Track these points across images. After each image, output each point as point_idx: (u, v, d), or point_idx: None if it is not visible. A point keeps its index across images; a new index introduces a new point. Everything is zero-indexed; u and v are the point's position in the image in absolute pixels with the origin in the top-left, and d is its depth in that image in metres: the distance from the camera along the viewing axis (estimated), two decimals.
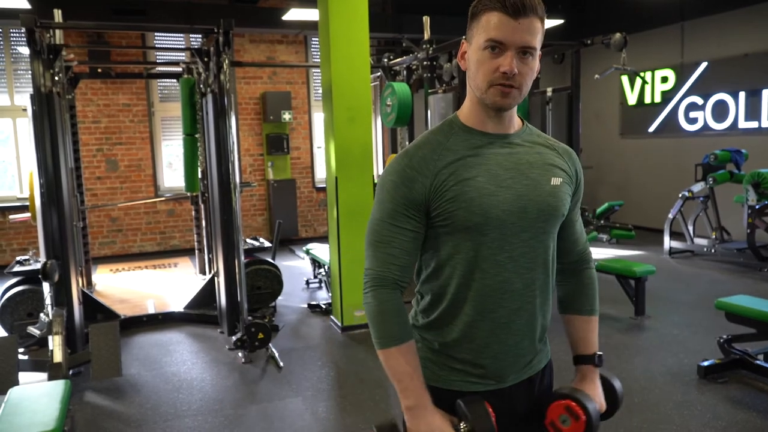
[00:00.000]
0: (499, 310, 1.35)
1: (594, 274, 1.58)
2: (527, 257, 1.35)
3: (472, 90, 1.33)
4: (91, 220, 8.13)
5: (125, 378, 4.06)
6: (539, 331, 1.43)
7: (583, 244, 1.55)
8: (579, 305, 1.54)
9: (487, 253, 1.32)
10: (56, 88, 4.45)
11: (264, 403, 3.67)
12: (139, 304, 5.90)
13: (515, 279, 1.34)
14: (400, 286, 1.35)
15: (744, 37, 7.51)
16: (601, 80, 6.62)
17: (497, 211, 1.30)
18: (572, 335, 1.55)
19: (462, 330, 1.36)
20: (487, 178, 1.31)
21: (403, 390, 1.31)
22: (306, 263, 7.03)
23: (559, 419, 1.38)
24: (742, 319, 3.76)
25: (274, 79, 9.14)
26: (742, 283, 6.04)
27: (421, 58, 5.90)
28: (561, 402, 1.39)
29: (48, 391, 2.86)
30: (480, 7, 1.27)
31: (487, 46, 1.26)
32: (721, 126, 7.84)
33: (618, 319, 5.04)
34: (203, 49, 5.09)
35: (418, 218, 1.33)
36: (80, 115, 7.86)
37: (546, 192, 1.35)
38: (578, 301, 1.54)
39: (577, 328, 1.54)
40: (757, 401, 3.46)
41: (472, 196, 1.29)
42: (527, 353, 1.42)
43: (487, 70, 1.27)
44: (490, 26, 1.25)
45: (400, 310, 1.34)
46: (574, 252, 1.54)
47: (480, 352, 1.37)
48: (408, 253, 1.34)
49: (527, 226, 1.33)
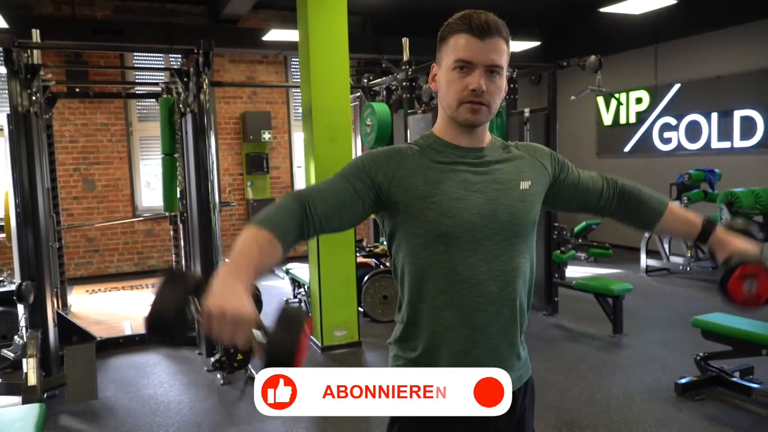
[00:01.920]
0: (476, 314, 1.36)
1: (633, 183, 1.60)
2: (501, 260, 1.37)
3: (444, 109, 1.40)
4: (67, 240, 8.01)
5: (101, 401, 3.99)
6: (518, 335, 1.44)
7: (602, 181, 1.58)
8: (653, 211, 1.57)
9: (460, 256, 1.34)
10: (33, 108, 4.41)
11: (243, 425, 3.62)
12: (116, 325, 5.81)
13: (490, 282, 1.36)
14: (307, 208, 1.29)
15: (716, 59, 7.70)
16: (578, 101, 6.73)
17: (467, 215, 1.33)
18: (676, 230, 1.62)
19: (441, 335, 1.37)
20: (457, 183, 1.36)
21: (230, 263, 1.19)
22: (286, 283, 6.99)
23: (745, 290, 1.37)
24: (718, 337, 3.81)
25: (254, 98, 9.15)
26: (717, 300, 6.06)
27: (401, 79, 5.96)
28: (733, 278, 1.39)
29: (22, 414, 2.80)
30: (448, 30, 1.35)
31: (456, 66, 1.32)
32: (695, 146, 8.00)
33: (596, 337, 5.07)
34: (183, 69, 5.09)
35: (366, 186, 1.34)
36: (57, 134, 7.76)
37: (515, 197, 1.39)
38: (649, 209, 1.58)
39: (672, 224, 1.59)
40: (733, 418, 3.50)
41: (441, 198, 1.33)
42: (507, 357, 1.42)
43: (456, 89, 1.33)
44: (458, 47, 1.31)
45: (290, 212, 1.28)
46: (604, 191, 1.57)
47: (460, 357, 1.37)
48: (336, 195, 1.33)
49: (499, 229, 1.36)
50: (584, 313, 5.61)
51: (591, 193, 1.56)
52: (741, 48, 7.43)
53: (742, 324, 3.75)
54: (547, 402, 3.73)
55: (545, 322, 5.52)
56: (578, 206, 1.58)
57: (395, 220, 1.38)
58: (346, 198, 1.33)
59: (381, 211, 1.41)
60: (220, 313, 1.06)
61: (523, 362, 1.49)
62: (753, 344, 3.59)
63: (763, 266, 1.35)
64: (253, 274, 1.17)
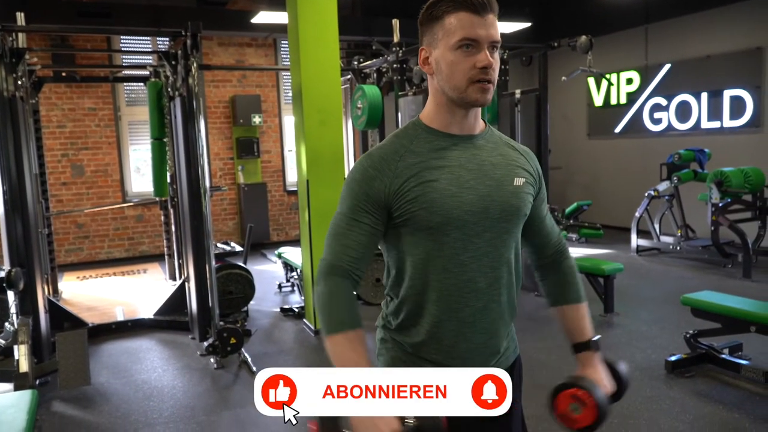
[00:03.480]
0: (465, 309, 1.36)
1: (573, 263, 1.60)
2: (490, 256, 1.37)
3: (445, 92, 1.35)
4: (56, 226, 7.96)
5: (94, 387, 3.99)
6: (505, 329, 1.45)
7: (556, 236, 1.59)
8: (566, 296, 1.57)
9: (450, 253, 1.34)
10: (19, 93, 4.35)
11: (237, 408, 3.64)
12: (108, 311, 5.80)
13: (479, 278, 1.36)
14: (352, 276, 1.35)
15: (706, 39, 7.70)
16: (568, 82, 6.72)
17: (459, 212, 1.32)
18: (566, 326, 1.58)
19: (429, 331, 1.37)
20: (450, 179, 1.33)
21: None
22: (278, 267, 6.99)
23: (569, 408, 1.38)
24: (707, 315, 3.85)
25: (243, 82, 9.07)
26: (707, 279, 6.18)
27: (391, 61, 5.92)
28: (567, 392, 1.40)
29: (14, 401, 2.79)
30: (441, 9, 1.30)
31: (461, 45, 1.29)
32: (685, 126, 8.01)
33: None
34: (171, 52, 5.03)
35: (376, 215, 1.34)
36: (44, 119, 7.69)
37: (509, 192, 1.38)
38: (564, 291, 1.57)
39: (569, 318, 1.57)
40: (722, 394, 3.55)
41: (434, 197, 1.31)
42: (495, 352, 1.43)
43: (464, 68, 1.30)
44: (461, 26, 1.28)
45: (351, 298, 1.34)
46: (549, 246, 1.57)
47: (448, 352, 1.38)
48: (363, 246, 1.35)
49: (489, 226, 1.35)
50: None
51: (542, 233, 1.55)
52: (730, 28, 7.42)
53: (732, 302, 3.80)
54: (538, 381, 3.73)
55: (537, 303, 5.55)
56: (525, 235, 1.53)
57: (390, 222, 1.37)
58: (370, 242, 1.37)
59: None
60: None
61: (511, 349, 1.50)
62: (742, 321, 3.63)
63: (594, 402, 1.36)
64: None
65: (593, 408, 1.36)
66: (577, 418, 1.37)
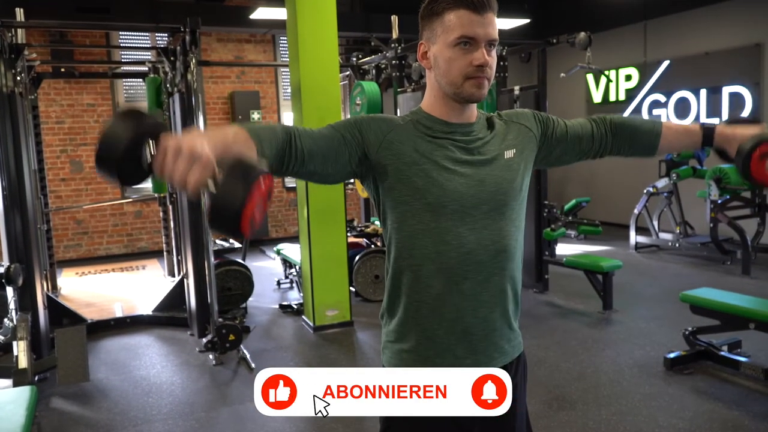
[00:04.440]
0: (466, 282, 1.37)
1: (618, 116, 1.60)
2: (490, 229, 1.38)
3: (441, 86, 1.37)
4: (55, 222, 7.96)
5: (93, 383, 3.99)
6: (510, 304, 1.44)
7: (591, 123, 1.57)
8: (651, 131, 1.56)
9: (448, 225, 1.35)
10: (18, 89, 4.34)
11: (236, 405, 3.64)
12: (107, 307, 5.80)
13: (479, 251, 1.36)
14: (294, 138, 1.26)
15: (704, 35, 7.69)
16: (567, 78, 6.71)
17: (455, 184, 1.34)
18: (680, 142, 1.58)
19: (431, 305, 1.38)
20: (445, 155, 1.36)
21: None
22: (277, 263, 6.99)
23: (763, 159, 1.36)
24: (706, 311, 3.85)
25: (242, 78, 9.06)
26: (705, 276, 6.19)
27: (390, 57, 5.91)
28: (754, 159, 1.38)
29: (13, 397, 2.79)
30: (441, 6, 1.32)
31: (458, 42, 1.31)
32: (684, 123, 8.00)
33: (586, 313, 5.12)
34: (170, 48, 5.02)
35: (354, 139, 1.34)
36: (43, 115, 7.67)
37: (500, 166, 1.40)
38: (646, 131, 1.56)
39: (673, 137, 1.57)
40: (721, 391, 3.55)
41: (429, 167, 1.34)
42: (498, 327, 1.42)
43: (461, 65, 1.32)
44: (460, 24, 1.30)
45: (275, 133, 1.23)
46: (595, 133, 1.55)
47: (450, 327, 1.38)
48: (324, 138, 1.31)
49: (486, 198, 1.37)
50: (574, 289, 5.66)
51: (584, 139, 1.55)
52: (729, 24, 7.41)
53: (730, 299, 3.80)
54: (537, 378, 3.77)
55: (536, 300, 5.56)
56: (576, 155, 1.56)
57: (384, 185, 1.38)
58: (333, 143, 1.32)
59: (370, 176, 1.39)
60: (176, 148, 0.99)
61: (515, 335, 1.49)
62: (741, 318, 3.64)
63: None
64: (220, 147, 1.05)
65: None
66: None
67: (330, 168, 1.33)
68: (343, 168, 1.35)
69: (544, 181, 5.81)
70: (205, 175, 0.99)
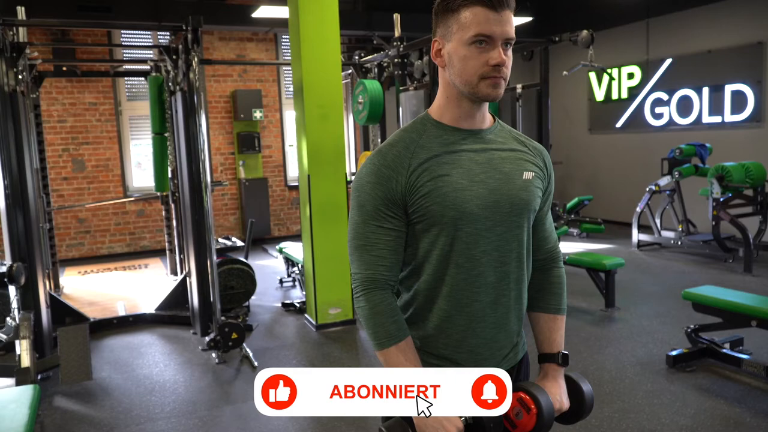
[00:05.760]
0: (474, 304, 1.36)
1: (562, 272, 1.56)
2: (501, 251, 1.36)
3: (456, 86, 1.33)
4: (58, 221, 7.97)
5: (96, 382, 4.00)
6: (515, 323, 1.44)
7: (552, 242, 1.55)
8: (545, 303, 1.52)
9: (461, 248, 1.33)
10: (20, 87, 4.35)
11: (239, 403, 3.64)
12: (109, 306, 5.81)
13: (489, 273, 1.35)
14: (390, 286, 1.35)
15: (707, 33, 7.67)
16: (570, 76, 6.71)
17: (471, 206, 1.31)
18: (538, 333, 1.53)
19: (438, 325, 1.37)
20: (461, 173, 1.32)
21: None
22: (279, 262, 6.99)
23: (512, 412, 1.33)
24: (708, 309, 3.85)
25: (244, 77, 9.05)
26: (708, 273, 6.18)
27: (392, 56, 5.90)
28: (514, 394, 1.33)
29: (16, 396, 2.80)
30: (457, 2, 1.28)
31: (474, 41, 1.27)
32: (686, 121, 8.00)
33: (589, 311, 5.11)
34: (172, 46, 5.02)
35: (398, 216, 1.33)
36: (45, 114, 7.68)
37: (518, 186, 1.37)
38: (545, 299, 1.52)
39: (543, 327, 1.52)
40: (723, 389, 3.55)
41: (446, 191, 1.30)
42: (504, 346, 1.43)
43: (476, 65, 1.28)
44: (477, 21, 1.26)
45: (394, 309, 1.34)
46: (543, 249, 1.53)
47: (456, 346, 1.38)
48: (394, 252, 1.35)
49: (500, 220, 1.35)
50: (577, 287, 5.65)
51: (537, 235, 1.50)
52: (732, 22, 7.39)
53: (732, 296, 3.80)
54: (535, 379, 3.76)
55: None
56: None
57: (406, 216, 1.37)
58: (398, 245, 1.36)
59: None
60: None
61: (520, 346, 1.50)
62: (743, 316, 3.63)
63: (536, 410, 1.31)
64: None
65: (534, 416, 1.31)
66: (518, 422, 1.33)
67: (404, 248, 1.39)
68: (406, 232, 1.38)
69: None
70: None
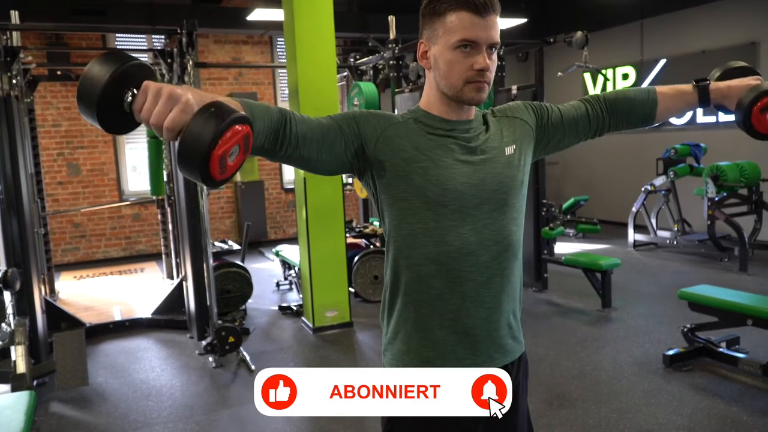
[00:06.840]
0: (467, 283, 1.36)
1: (611, 92, 1.57)
2: (491, 229, 1.36)
3: (440, 87, 1.36)
4: (53, 226, 7.94)
5: (92, 387, 3.98)
6: (512, 303, 1.44)
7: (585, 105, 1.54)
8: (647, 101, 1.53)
9: (449, 225, 1.33)
10: (14, 92, 4.34)
11: (236, 407, 3.63)
12: (105, 311, 5.79)
13: (481, 251, 1.35)
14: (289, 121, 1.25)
15: (701, 34, 7.70)
16: (564, 77, 6.71)
17: (455, 183, 1.33)
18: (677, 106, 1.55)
19: (432, 306, 1.37)
20: (445, 152, 1.35)
21: None
22: (276, 265, 6.98)
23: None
24: (704, 308, 3.86)
25: (240, 80, 9.05)
26: (703, 273, 6.20)
27: (387, 58, 5.91)
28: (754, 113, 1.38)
29: (11, 402, 2.79)
30: (444, 6, 1.29)
31: (459, 45, 1.29)
32: (681, 121, 8.03)
33: (585, 311, 5.12)
34: (166, 50, 5.02)
35: (351, 131, 1.33)
36: (39, 118, 7.65)
37: (502, 163, 1.39)
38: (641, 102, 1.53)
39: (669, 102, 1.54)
40: (720, 388, 3.56)
41: (428, 165, 1.33)
42: (500, 328, 1.42)
43: (461, 69, 1.30)
44: (461, 26, 1.28)
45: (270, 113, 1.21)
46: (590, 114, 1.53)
47: (451, 327, 1.37)
48: (321, 126, 1.30)
49: (488, 198, 1.36)
50: (573, 288, 5.66)
51: (579, 122, 1.53)
52: (726, 23, 7.43)
53: (728, 295, 3.81)
54: (537, 376, 3.77)
55: (535, 298, 5.56)
56: (574, 138, 1.54)
57: (382, 182, 1.36)
58: (329, 131, 1.30)
59: (368, 171, 1.37)
60: (157, 90, 0.99)
61: (517, 333, 1.49)
62: (739, 315, 3.64)
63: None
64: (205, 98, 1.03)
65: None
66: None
67: (324, 155, 1.31)
68: (338, 158, 1.33)
69: (542, 180, 5.81)
70: (183, 118, 0.98)
